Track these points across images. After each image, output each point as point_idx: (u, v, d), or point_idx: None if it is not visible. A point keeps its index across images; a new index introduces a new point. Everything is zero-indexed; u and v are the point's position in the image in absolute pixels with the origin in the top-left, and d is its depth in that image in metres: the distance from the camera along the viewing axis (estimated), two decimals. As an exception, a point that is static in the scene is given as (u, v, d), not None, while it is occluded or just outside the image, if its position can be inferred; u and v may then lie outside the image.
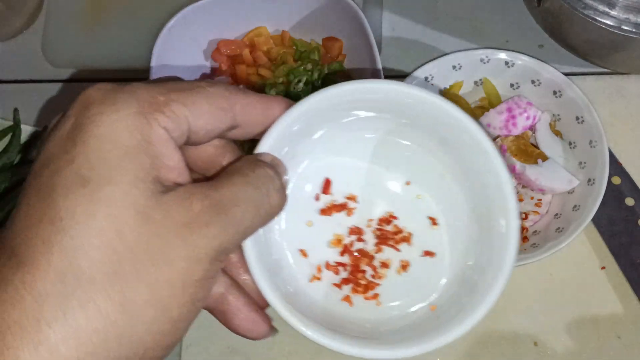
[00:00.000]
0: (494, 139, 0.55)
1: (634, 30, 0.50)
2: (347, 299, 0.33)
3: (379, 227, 0.34)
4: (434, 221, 0.34)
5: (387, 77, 0.51)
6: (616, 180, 0.56)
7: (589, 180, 0.52)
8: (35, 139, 0.60)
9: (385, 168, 0.34)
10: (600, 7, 0.50)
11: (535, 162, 0.53)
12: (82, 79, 0.64)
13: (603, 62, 0.59)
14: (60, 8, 0.66)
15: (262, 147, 0.30)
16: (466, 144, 0.31)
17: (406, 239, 0.34)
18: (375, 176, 0.34)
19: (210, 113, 0.27)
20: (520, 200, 0.55)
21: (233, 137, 0.30)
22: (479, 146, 0.31)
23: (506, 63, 0.56)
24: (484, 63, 0.57)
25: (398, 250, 0.34)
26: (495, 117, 0.55)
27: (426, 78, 0.57)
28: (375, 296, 0.33)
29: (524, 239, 0.53)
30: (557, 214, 0.54)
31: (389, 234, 0.34)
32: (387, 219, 0.34)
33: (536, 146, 0.55)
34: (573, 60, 0.60)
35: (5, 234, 0.24)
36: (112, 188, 0.23)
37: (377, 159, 0.34)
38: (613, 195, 0.55)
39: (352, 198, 0.34)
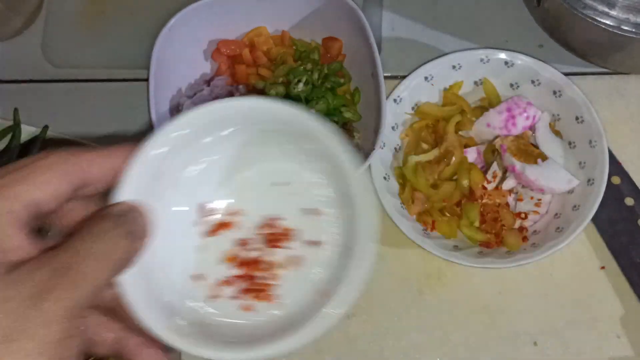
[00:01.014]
0: (494, 138, 0.55)
1: (633, 30, 0.50)
2: (249, 308, 0.34)
3: (265, 231, 0.35)
4: (314, 212, 0.35)
5: (387, 77, 0.51)
6: (616, 180, 0.56)
7: (589, 180, 0.52)
8: (35, 139, 0.60)
9: (254, 176, 0.36)
10: (599, 7, 0.50)
11: (535, 162, 0.53)
12: (82, 79, 0.64)
13: (603, 62, 0.59)
14: (61, 8, 0.66)
15: (118, 197, 0.31)
16: (305, 134, 0.33)
17: (292, 236, 0.35)
18: (248, 186, 0.36)
19: (53, 181, 0.28)
20: (520, 200, 0.55)
21: (89, 194, 0.30)
22: (312, 134, 0.32)
23: (506, 63, 0.56)
24: (484, 63, 0.57)
25: (289, 248, 0.35)
26: (495, 117, 0.55)
27: (426, 78, 0.57)
28: (273, 297, 0.34)
29: (523, 238, 0.53)
30: (557, 214, 0.54)
31: (277, 236, 0.35)
32: (270, 223, 0.35)
33: (536, 146, 0.55)
34: (573, 60, 0.60)
35: None
36: None
37: (246, 170, 0.36)
38: (613, 195, 0.55)
39: (234, 213, 0.35)
